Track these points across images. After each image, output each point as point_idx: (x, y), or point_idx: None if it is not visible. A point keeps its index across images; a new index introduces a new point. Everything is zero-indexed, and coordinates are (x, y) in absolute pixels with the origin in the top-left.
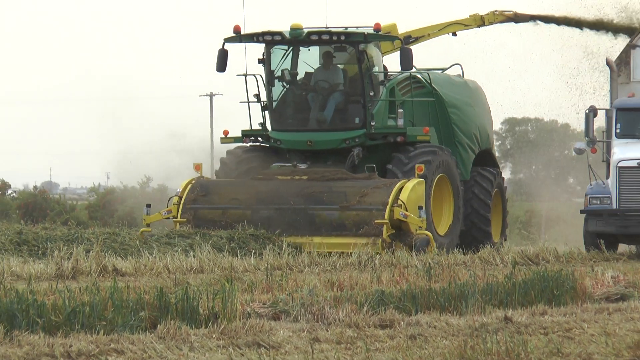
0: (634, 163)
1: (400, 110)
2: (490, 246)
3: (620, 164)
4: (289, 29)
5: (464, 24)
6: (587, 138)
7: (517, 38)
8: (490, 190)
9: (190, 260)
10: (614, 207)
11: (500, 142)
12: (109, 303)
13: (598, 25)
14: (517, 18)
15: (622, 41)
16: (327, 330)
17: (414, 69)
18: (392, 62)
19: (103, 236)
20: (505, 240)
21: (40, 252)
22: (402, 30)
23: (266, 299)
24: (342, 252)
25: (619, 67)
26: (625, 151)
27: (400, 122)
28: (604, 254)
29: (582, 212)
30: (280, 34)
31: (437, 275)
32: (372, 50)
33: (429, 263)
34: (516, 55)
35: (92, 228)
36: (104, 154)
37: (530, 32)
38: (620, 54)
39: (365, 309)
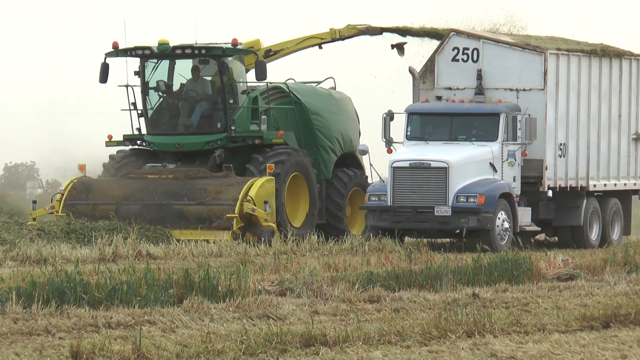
0: (406, 164)
1: (264, 117)
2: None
3: (395, 165)
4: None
5: (320, 38)
6: (384, 140)
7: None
8: (344, 190)
9: (211, 246)
10: (389, 204)
11: None
12: (143, 282)
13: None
14: (369, 31)
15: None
16: (325, 305)
17: (292, 81)
18: (270, 73)
19: (138, 226)
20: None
21: (85, 239)
22: (266, 44)
23: (274, 279)
24: (201, 241)
25: (425, 74)
26: (403, 152)
27: (264, 127)
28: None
29: (361, 208)
30: (149, 48)
31: (417, 258)
32: (234, 63)
33: (410, 248)
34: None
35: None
36: None
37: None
38: (426, 62)
39: (356, 286)
